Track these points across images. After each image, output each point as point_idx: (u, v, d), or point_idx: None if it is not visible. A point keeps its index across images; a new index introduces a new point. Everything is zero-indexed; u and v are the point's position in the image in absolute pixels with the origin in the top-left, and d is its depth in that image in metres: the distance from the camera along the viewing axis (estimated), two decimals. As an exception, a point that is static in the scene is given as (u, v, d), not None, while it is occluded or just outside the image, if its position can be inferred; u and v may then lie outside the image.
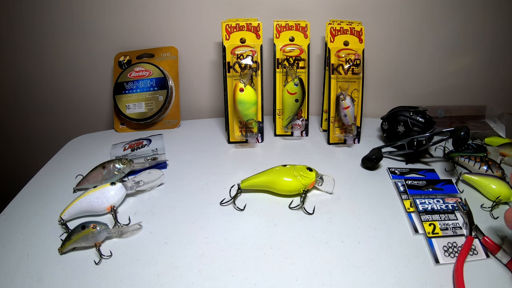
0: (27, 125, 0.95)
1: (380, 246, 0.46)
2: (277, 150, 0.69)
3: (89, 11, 0.78)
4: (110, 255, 0.46)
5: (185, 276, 0.42)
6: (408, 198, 0.54)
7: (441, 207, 0.52)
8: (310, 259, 0.44)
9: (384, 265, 0.43)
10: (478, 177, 0.56)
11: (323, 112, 0.75)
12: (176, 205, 0.54)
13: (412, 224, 0.50)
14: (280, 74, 0.71)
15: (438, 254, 0.45)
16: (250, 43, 0.68)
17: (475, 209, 0.51)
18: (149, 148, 0.68)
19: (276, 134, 0.74)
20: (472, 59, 0.80)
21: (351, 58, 0.67)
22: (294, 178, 0.53)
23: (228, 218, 0.51)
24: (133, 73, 0.78)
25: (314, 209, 0.52)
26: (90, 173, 0.59)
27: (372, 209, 0.53)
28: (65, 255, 0.46)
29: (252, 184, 0.55)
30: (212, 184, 0.59)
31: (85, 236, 0.46)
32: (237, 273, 0.43)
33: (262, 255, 0.45)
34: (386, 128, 0.69)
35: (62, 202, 0.54)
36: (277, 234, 0.48)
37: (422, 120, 0.64)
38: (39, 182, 0.62)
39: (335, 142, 0.71)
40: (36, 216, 0.53)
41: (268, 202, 0.54)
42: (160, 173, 0.57)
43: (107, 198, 0.52)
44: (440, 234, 0.48)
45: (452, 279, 0.41)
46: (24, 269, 0.44)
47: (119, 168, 0.58)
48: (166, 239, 0.48)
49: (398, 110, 0.67)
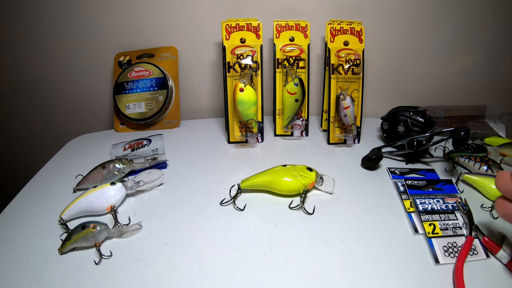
0: (27, 125, 0.95)
1: (380, 246, 0.46)
2: (277, 150, 0.69)
3: (88, 11, 0.78)
4: (110, 255, 0.46)
5: (185, 276, 0.42)
6: (408, 198, 0.54)
7: (441, 207, 0.52)
8: (310, 259, 0.44)
9: (384, 265, 0.43)
10: (478, 177, 0.56)
11: (323, 112, 0.75)
12: (176, 205, 0.54)
13: (412, 224, 0.50)
14: (280, 74, 0.71)
15: (438, 254, 0.45)
16: (250, 43, 0.68)
17: (475, 209, 0.51)
18: (149, 148, 0.68)
19: (276, 134, 0.74)
20: (472, 59, 0.80)
21: (351, 58, 0.67)
22: (294, 178, 0.53)
23: (228, 218, 0.52)
24: (133, 73, 0.78)
25: (314, 209, 0.52)
26: (90, 173, 0.59)
27: (372, 209, 0.53)
28: (65, 255, 0.46)
29: (252, 184, 0.55)
30: (212, 184, 0.59)
31: (85, 236, 0.46)
32: (237, 273, 0.43)
33: (262, 255, 0.45)
34: (386, 128, 0.69)
35: (62, 202, 0.54)
36: (277, 234, 0.48)
37: (422, 120, 0.64)
38: (39, 182, 0.62)
39: (335, 142, 0.71)
40: (36, 216, 0.53)
41: (268, 202, 0.54)
42: (160, 173, 0.57)
43: (107, 198, 0.52)
44: (440, 234, 0.47)
45: (452, 279, 0.41)
46: (24, 269, 0.44)
47: (119, 168, 0.58)
48: (166, 239, 0.48)
49: (398, 110, 0.67)
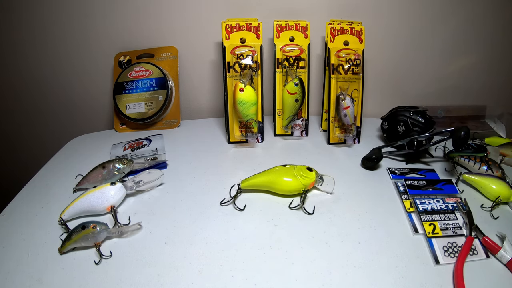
0: (27, 125, 0.95)
1: (380, 246, 0.46)
2: (277, 150, 0.69)
3: (89, 11, 0.78)
4: (110, 255, 0.46)
5: (185, 276, 0.42)
6: (408, 198, 0.54)
7: (441, 207, 0.52)
8: (310, 259, 0.44)
9: (384, 265, 0.43)
10: (478, 177, 0.56)
11: (323, 112, 0.75)
12: (176, 205, 0.54)
13: (412, 224, 0.50)
14: (280, 74, 0.71)
15: (438, 254, 0.45)
16: (250, 43, 0.68)
17: (475, 209, 0.51)
18: (149, 148, 0.68)
19: (276, 134, 0.74)
20: (472, 60, 0.80)
21: (351, 58, 0.67)
22: (294, 178, 0.53)
23: (228, 218, 0.52)
24: (133, 73, 0.78)
25: (314, 209, 0.52)
26: (90, 173, 0.59)
27: (372, 209, 0.53)
28: (65, 255, 0.46)
29: (252, 184, 0.55)
30: (212, 184, 0.59)
31: (85, 236, 0.46)
32: (237, 273, 0.43)
33: (262, 255, 0.45)
34: (386, 128, 0.69)
35: (62, 202, 0.54)
36: (277, 234, 0.48)
37: (422, 120, 0.64)
38: (39, 182, 0.62)
39: (335, 142, 0.71)
40: (36, 216, 0.53)
41: (268, 202, 0.54)
42: (160, 173, 0.57)
43: (107, 198, 0.52)
44: (440, 234, 0.47)
45: (452, 279, 0.41)
46: (24, 269, 0.44)
47: (119, 168, 0.58)
48: (166, 239, 0.48)
49: (398, 110, 0.67)
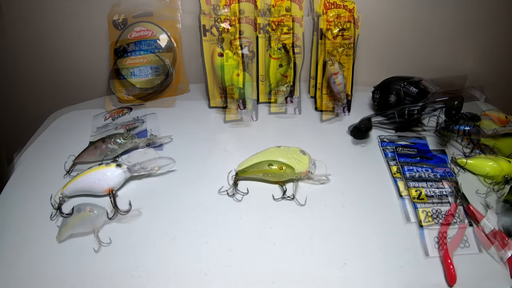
0: (12, 97, 0.92)
1: (365, 211, 0.47)
2: (271, 129, 0.66)
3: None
4: (109, 242, 0.44)
5: (184, 266, 0.42)
6: (395, 164, 0.53)
7: (429, 176, 0.50)
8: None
9: (368, 230, 0.44)
10: (473, 160, 0.54)
11: (311, 79, 0.72)
12: (174, 192, 0.52)
13: (397, 189, 0.50)
14: (262, 39, 0.67)
15: (429, 247, 0.43)
16: (248, 35, 0.65)
17: (470, 195, 0.49)
18: (130, 115, 0.67)
19: (258, 102, 0.71)
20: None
21: (340, 22, 0.63)
22: (288, 160, 0.52)
23: (226, 207, 0.50)
24: (133, 33, 0.70)
25: (306, 199, 0.51)
26: (87, 149, 0.56)
27: (359, 175, 0.53)
28: (63, 243, 0.45)
29: (248, 167, 0.53)
30: (210, 168, 0.56)
31: (82, 221, 0.44)
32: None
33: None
34: (377, 97, 0.66)
35: (58, 187, 0.51)
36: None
37: (416, 90, 0.61)
38: (30, 167, 0.58)
39: (324, 109, 0.68)
40: (32, 202, 0.51)
41: (261, 192, 0.52)
42: (170, 160, 0.54)
43: (106, 180, 0.49)
44: (426, 200, 0.47)
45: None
46: (23, 259, 0.43)
47: (121, 143, 0.56)
48: (165, 228, 0.47)
49: (392, 80, 0.65)
